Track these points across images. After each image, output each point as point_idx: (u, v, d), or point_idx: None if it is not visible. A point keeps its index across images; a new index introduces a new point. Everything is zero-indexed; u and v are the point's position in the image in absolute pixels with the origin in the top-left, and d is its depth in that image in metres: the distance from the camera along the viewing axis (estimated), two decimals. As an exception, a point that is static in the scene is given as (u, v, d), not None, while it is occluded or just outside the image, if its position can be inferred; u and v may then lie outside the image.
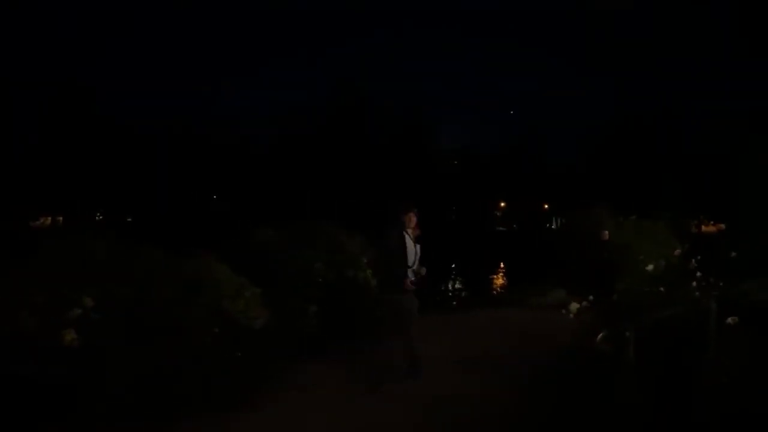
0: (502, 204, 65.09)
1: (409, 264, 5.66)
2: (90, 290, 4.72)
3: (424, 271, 5.84)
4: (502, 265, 31.53)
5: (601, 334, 3.56)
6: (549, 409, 4.97)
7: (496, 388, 5.64)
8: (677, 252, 7.46)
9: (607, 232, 8.34)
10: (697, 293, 6.04)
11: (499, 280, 27.03)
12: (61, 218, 42.57)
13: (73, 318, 4.55)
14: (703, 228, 35.08)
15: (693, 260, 6.91)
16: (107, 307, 4.80)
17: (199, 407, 5.12)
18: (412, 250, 5.70)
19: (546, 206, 62.31)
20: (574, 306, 6.86)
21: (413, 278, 5.70)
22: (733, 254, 7.26)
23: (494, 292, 22.63)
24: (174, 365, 5.11)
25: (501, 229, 63.51)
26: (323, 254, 7.96)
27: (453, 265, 30.38)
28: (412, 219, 5.76)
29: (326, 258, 8.02)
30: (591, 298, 6.89)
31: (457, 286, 25.43)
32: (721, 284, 6.01)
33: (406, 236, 5.70)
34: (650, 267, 7.22)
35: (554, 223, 56.67)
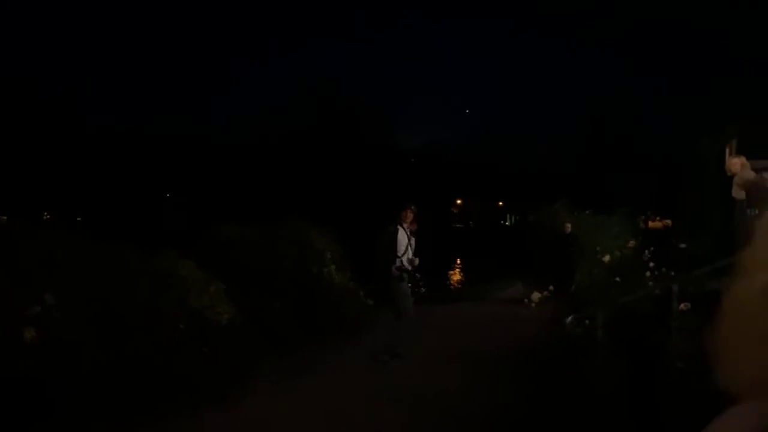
0: (459, 201, 65.93)
1: (399, 253, 6.30)
2: (53, 287, 4.58)
3: (416, 261, 6.45)
4: (459, 262, 31.96)
5: (570, 318, 3.71)
6: (529, 392, 5.07)
7: (475, 378, 5.74)
8: (631, 244, 7.78)
9: (569, 225, 8.60)
10: (650, 282, 6.36)
11: (457, 276, 27.40)
12: (5, 217, 40.58)
13: (33, 315, 4.41)
14: (650, 224, 36.52)
15: (646, 251, 7.24)
16: (71, 304, 4.67)
17: (167, 404, 5.04)
18: (405, 242, 6.40)
19: (500, 203, 63.49)
20: (536, 296, 7.07)
21: (407, 266, 6.34)
22: (683, 246, 7.63)
23: (452, 287, 22.94)
24: (141, 362, 5.02)
25: (458, 226, 64.38)
26: (289, 250, 7.93)
27: (417, 261, 30.54)
28: (409, 215, 6.53)
29: (292, 254, 7.99)
30: (551, 288, 7.11)
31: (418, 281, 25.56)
32: (672, 273, 6.32)
33: (401, 230, 6.44)
34: (606, 258, 7.50)
35: (509, 220, 57.78)
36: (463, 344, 7.07)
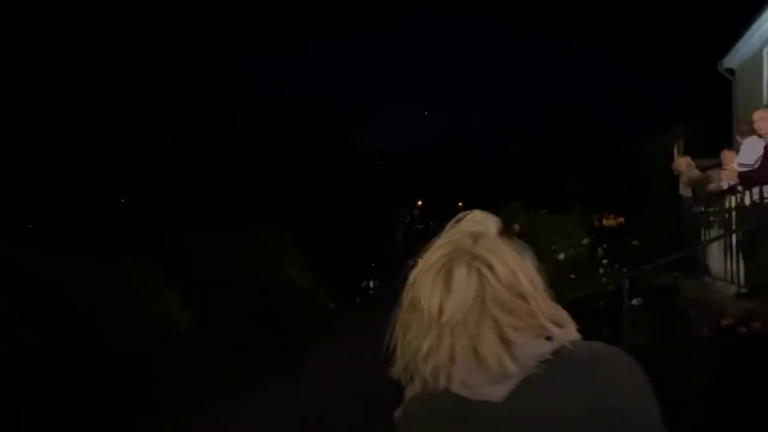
0: (420, 203, 66.48)
1: None
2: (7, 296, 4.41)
3: None
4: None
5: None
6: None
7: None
8: (585, 242, 8.00)
9: (517, 225, 8.76)
10: (604, 279, 6.56)
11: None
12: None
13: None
14: (605, 222, 37.66)
15: (599, 249, 7.47)
16: (26, 313, 4.50)
17: (120, 413, 4.92)
18: None
19: (461, 204, 64.34)
20: None
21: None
22: (635, 242, 7.89)
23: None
24: (93, 374, 4.88)
25: (419, 227, 64.86)
26: (245, 256, 7.84)
27: (372, 264, 30.75)
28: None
29: (249, 259, 7.90)
30: None
31: (377, 284, 25.75)
32: (624, 270, 6.53)
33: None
34: (561, 256, 7.69)
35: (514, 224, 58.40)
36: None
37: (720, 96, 17.11)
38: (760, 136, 5.21)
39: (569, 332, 0.87)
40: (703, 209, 7.18)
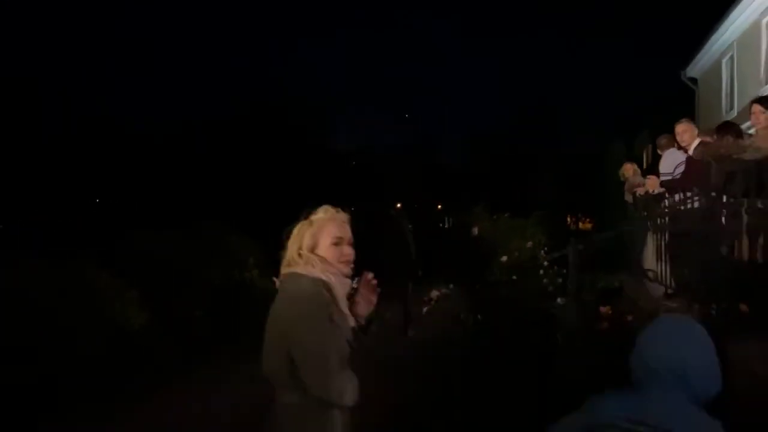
0: (399, 205, 66.83)
1: None
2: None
3: None
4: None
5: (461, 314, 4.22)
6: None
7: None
8: (529, 244, 8.34)
9: (476, 228, 9.13)
10: (545, 280, 6.94)
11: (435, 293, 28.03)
12: None
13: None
14: (581, 225, 38.48)
15: (542, 251, 7.83)
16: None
17: (77, 411, 5.12)
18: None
19: (439, 206, 64.75)
20: (434, 293, 7.53)
21: None
22: (580, 247, 8.25)
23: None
24: (49, 372, 5.08)
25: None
26: (208, 256, 8.07)
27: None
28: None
29: (210, 260, 8.13)
30: (451, 286, 7.58)
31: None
32: (564, 271, 6.92)
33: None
34: (504, 259, 8.05)
35: (446, 223, 58.97)
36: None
37: (685, 103, 17.75)
38: (680, 147, 5.63)
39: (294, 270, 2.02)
40: (645, 214, 7.60)
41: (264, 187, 32.85)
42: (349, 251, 2.08)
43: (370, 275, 2.17)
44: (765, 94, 13.68)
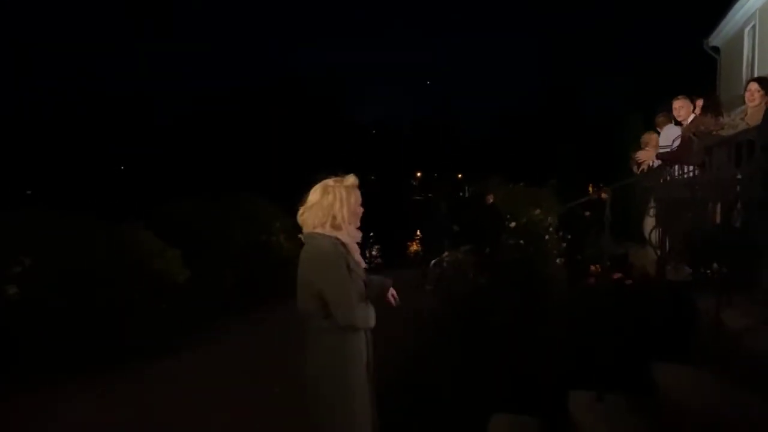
0: (419, 174, 67.05)
1: None
2: (30, 251, 5.33)
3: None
4: (418, 233, 33.16)
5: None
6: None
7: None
8: (537, 212, 8.78)
9: (491, 196, 9.61)
10: (549, 245, 7.48)
11: (415, 246, 28.60)
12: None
13: (14, 275, 5.17)
14: (602, 195, 38.45)
15: (549, 219, 8.30)
16: (47, 267, 5.43)
17: (126, 352, 5.89)
18: None
19: (460, 176, 64.88)
20: (446, 256, 8.10)
21: None
22: (587, 213, 8.70)
23: (410, 256, 24.13)
24: (106, 316, 5.84)
25: (417, 198, 65.60)
26: (238, 221, 8.76)
27: (371, 234, 31.72)
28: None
29: (242, 224, 8.82)
30: (462, 249, 8.12)
31: (374, 252, 26.66)
32: (569, 237, 7.42)
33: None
34: (513, 224, 8.54)
35: (466, 192, 59.24)
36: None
37: (707, 72, 17.66)
38: (677, 122, 6.03)
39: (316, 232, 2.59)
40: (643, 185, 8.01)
41: (290, 157, 33.55)
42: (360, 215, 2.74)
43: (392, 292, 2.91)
44: (786, 65, 13.72)
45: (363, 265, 2.71)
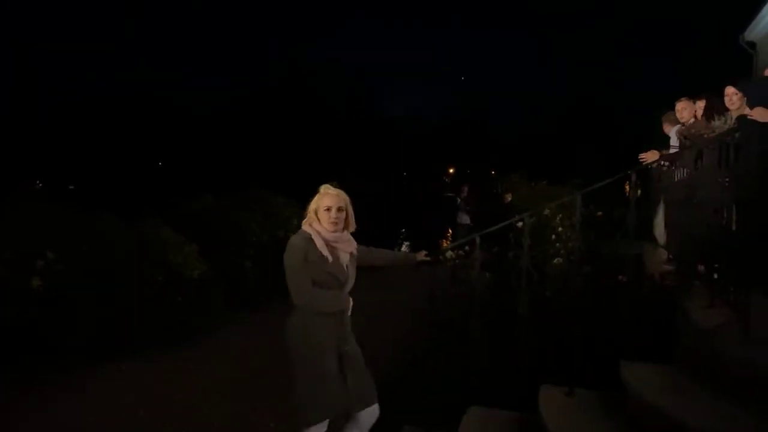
0: (451, 170, 66.85)
1: None
2: (53, 247, 5.72)
3: None
4: (450, 231, 33.19)
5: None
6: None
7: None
8: (546, 212, 8.75)
9: (508, 195, 9.65)
10: (557, 244, 7.53)
11: (446, 243, 28.66)
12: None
13: (38, 267, 5.56)
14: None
15: (558, 218, 8.30)
16: (69, 260, 5.82)
17: (146, 342, 6.25)
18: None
19: (493, 173, 64.41)
20: (450, 254, 8.18)
21: None
22: (599, 213, 8.68)
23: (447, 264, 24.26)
24: (126, 308, 6.20)
25: (449, 194, 65.46)
26: (257, 217, 9.07)
27: (402, 230, 31.86)
28: (464, 190, 8.27)
29: (260, 220, 9.12)
30: (467, 248, 8.18)
31: (404, 249, 26.82)
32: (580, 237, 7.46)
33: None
34: (520, 224, 8.52)
35: (498, 189, 58.84)
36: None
37: (743, 68, 17.22)
38: (683, 124, 6.02)
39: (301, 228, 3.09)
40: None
41: (310, 153, 33.87)
42: (334, 216, 3.09)
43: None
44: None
45: (339, 258, 3.11)
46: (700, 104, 5.68)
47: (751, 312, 3.32)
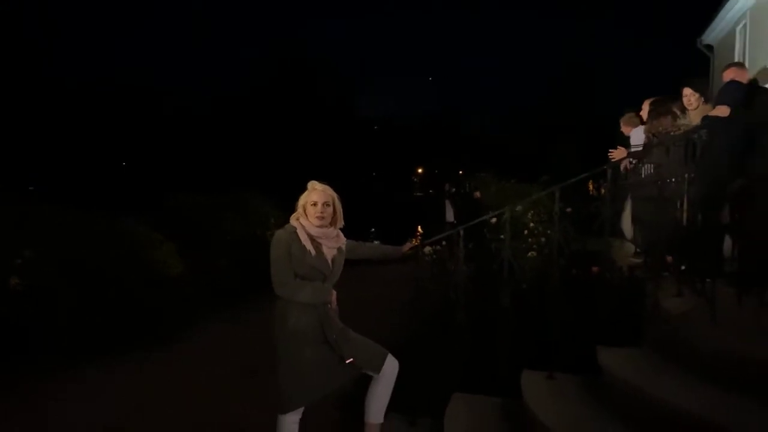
0: (420, 170, 67.30)
1: None
2: (31, 245, 5.66)
3: None
4: (419, 229, 33.44)
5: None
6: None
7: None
8: (518, 208, 9.01)
9: (478, 192, 9.88)
10: (529, 239, 7.78)
11: (416, 242, 28.87)
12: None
13: (16, 266, 5.50)
14: (602, 190, 38.75)
15: (529, 214, 8.57)
16: (47, 259, 5.76)
17: (124, 342, 6.22)
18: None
19: (461, 172, 65.11)
20: (428, 249, 8.36)
21: None
22: (569, 209, 8.97)
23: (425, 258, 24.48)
24: (104, 307, 6.16)
25: (418, 194, 65.84)
26: (233, 216, 9.08)
27: (372, 229, 32.01)
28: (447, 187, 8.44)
29: (238, 219, 9.14)
30: (444, 243, 8.39)
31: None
32: (548, 232, 7.71)
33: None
34: (494, 220, 8.78)
35: (466, 188, 59.55)
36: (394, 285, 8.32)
37: (701, 70, 17.91)
38: (644, 123, 6.31)
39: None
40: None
41: (289, 153, 33.75)
42: (320, 211, 3.20)
43: None
44: (775, 64, 13.96)
45: (323, 252, 3.20)
46: (645, 106, 6.03)
47: (716, 300, 3.56)
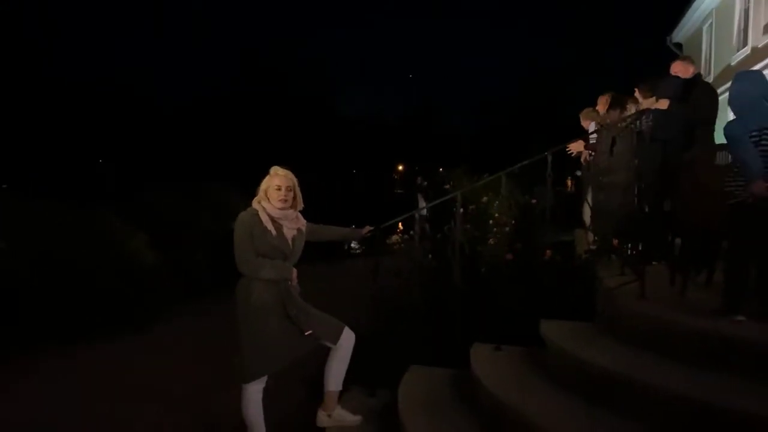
0: (400, 167, 67.55)
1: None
2: (3, 234, 5.78)
3: None
4: (400, 226, 33.73)
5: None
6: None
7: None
8: (484, 199, 9.31)
9: (447, 186, 10.10)
10: (494, 229, 8.09)
11: (396, 238, 29.23)
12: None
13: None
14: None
15: (495, 205, 8.88)
16: (19, 248, 5.89)
17: (96, 330, 6.35)
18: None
19: (441, 169, 65.41)
20: (395, 238, 8.62)
21: None
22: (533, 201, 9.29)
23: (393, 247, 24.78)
24: (78, 296, 6.31)
25: (399, 191, 66.07)
26: (207, 210, 9.24)
27: (353, 226, 32.20)
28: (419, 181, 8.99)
29: (210, 213, 9.30)
30: (411, 232, 8.64)
31: (354, 245, 27.23)
32: (513, 222, 8.02)
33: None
34: (461, 211, 9.04)
35: (448, 184, 59.82)
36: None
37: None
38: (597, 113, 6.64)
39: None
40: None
41: (264, 151, 33.69)
42: (283, 194, 3.40)
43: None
44: (737, 60, 14.47)
45: (284, 233, 3.41)
46: (603, 99, 6.38)
47: (645, 276, 3.88)
